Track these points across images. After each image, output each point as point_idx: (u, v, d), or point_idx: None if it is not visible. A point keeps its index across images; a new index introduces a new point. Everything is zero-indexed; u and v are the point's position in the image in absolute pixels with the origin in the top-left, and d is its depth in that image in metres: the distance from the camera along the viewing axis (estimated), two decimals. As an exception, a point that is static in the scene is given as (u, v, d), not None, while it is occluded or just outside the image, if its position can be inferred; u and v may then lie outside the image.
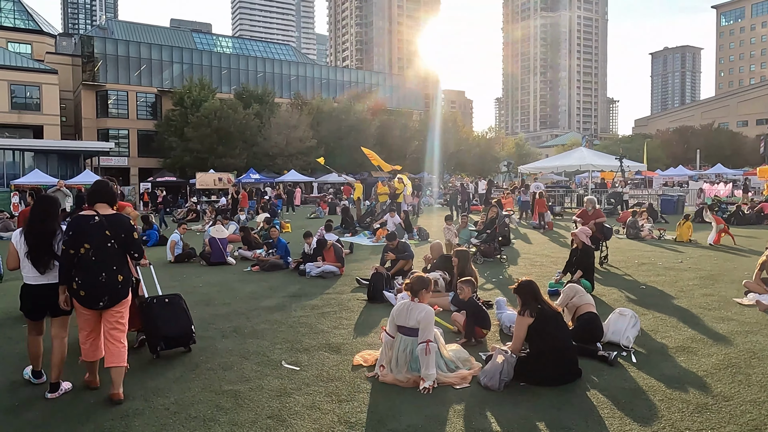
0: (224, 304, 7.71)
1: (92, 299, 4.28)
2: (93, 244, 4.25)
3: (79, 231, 4.28)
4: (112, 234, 4.32)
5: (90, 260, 4.24)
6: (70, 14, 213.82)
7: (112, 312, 4.37)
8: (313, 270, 9.82)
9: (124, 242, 4.39)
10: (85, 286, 4.24)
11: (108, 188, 4.56)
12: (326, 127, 56.31)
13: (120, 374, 4.37)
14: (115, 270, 4.33)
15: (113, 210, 4.51)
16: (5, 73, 51.12)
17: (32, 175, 36.07)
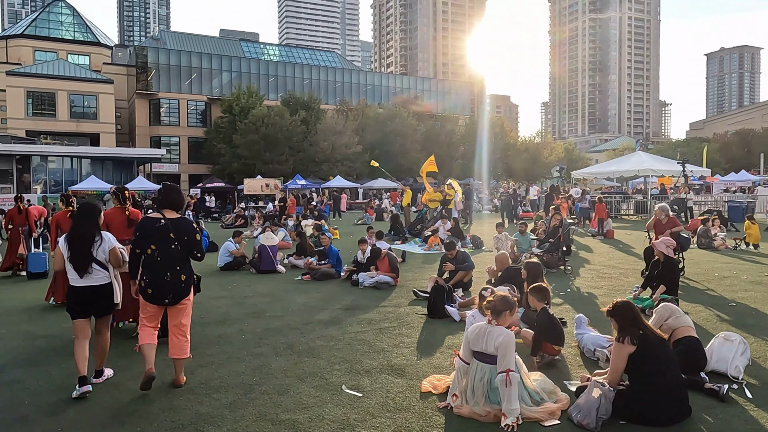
0: (276, 316, 7.31)
1: (158, 297, 4.62)
2: (158, 246, 4.58)
3: (145, 233, 4.61)
4: (176, 236, 4.61)
5: (156, 260, 4.58)
6: (125, 27, 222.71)
7: (176, 308, 4.72)
8: (366, 280, 9.35)
9: (187, 244, 4.69)
10: (151, 285, 4.58)
11: (174, 195, 4.86)
12: (371, 133, 56.19)
13: (182, 365, 4.80)
14: (179, 270, 4.65)
15: (177, 215, 4.76)
16: (65, 84, 53.21)
17: (89, 181, 37.16)
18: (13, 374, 5.19)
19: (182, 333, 4.75)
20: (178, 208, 4.85)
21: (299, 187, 42.97)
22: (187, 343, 4.78)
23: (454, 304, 7.36)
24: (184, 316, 4.79)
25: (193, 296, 4.96)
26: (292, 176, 47.19)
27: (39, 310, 8.00)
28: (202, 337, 6.32)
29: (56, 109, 52.56)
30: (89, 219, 4.83)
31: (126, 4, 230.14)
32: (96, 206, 5.04)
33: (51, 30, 65.11)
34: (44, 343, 6.20)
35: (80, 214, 4.89)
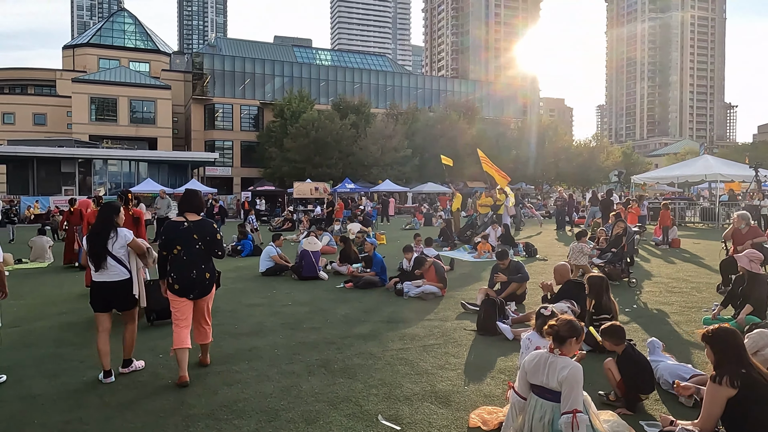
0: (313, 328, 6.84)
1: (185, 291, 4.99)
2: (184, 246, 4.95)
3: (171, 235, 5.00)
4: (199, 237, 4.98)
5: (182, 260, 4.94)
6: (185, 35, 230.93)
7: (201, 302, 5.11)
8: (411, 290, 8.78)
9: (209, 244, 5.06)
10: (179, 281, 4.95)
11: (195, 198, 5.21)
12: (421, 137, 55.61)
13: (207, 348, 5.36)
14: (203, 268, 5.03)
15: (198, 217, 5.14)
16: (126, 90, 55.17)
17: (145, 183, 38.21)
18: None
19: (206, 323, 5.25)
20: (199, 211, 5.22)
21: (348, 191, 42.86)
22: (210, 329, 5.31)
23: (507, 321, 6.69)
24: (208, 309, 5.24)
25: (215, 291, 5.32)
26: (341, 180, 47.16)
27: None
28: (233, 349, 5.91)
29: (117, 115, 54.57)
30: (107, 216, 5.17)
31: (185, 13, 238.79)
32: (115, 205, 5.37)
33: (114, 39, 67.91)
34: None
35: (100, 213, 5.26)
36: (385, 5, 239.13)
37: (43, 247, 13.87)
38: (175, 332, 4.95)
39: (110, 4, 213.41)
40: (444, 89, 73.63)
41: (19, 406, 4.39)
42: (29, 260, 13.86)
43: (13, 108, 58.91)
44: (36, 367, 5.36)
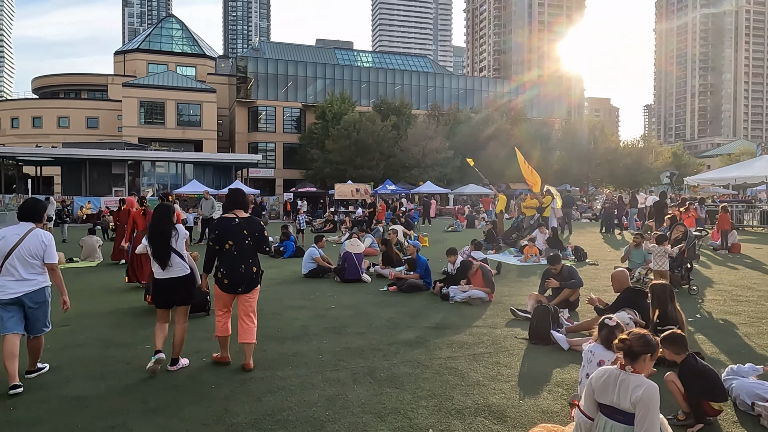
0: (358, 333, 6.65)
1: (233, 286, 5.20)
2: (235, 241, 5.16)
3: (223, 231, 5.21)
4: (249, 233, 5.20)
5: (232, 254, 5.17)
6: (230, 40, 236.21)
7: (247, 297, 5.28)
8: (457, 295, 8.49)
9: (257, 240, 5.28)
10: (228, 276, 5.16)
11: (241, 196, 5.47)
12: (463, 138, 55.02)
13: (250, 348, 5.31)
14: (251, 263, 5.24)
15: (246, 214, 5.39)
16: (173, 94, 56.65)
17: (191, 185, 39.02)
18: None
19: (251, 320, 5.31)
20: (245, 208, 5.45)
21: (389, 192, 42.75)
22: (255, 328, 5.35)
23: (561, 329, 6.33)
24: (253, 305, 5.35)
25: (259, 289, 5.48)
26: (382, 181, 47.12)
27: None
28: (277, 354, 5.78)
29: (165, 118, 56.11)
30: (166, 217, 5.37)
31: (230, 18, 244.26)
32: (170, 206, 5.58)
33: (162, 44, 69.87)
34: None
35: (158, 213, 5.43)
36: (426, 6, 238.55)
37: (93, 247, 14.19)
38: (217, 322, 5.36)
39: (159, 11, 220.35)
40: (486, 90, 72.73)
41: (65, 408, 4.35)
42: (80, 259, 14.22)
43: (68, 112, 61.35)
44: (83, 368, 5.35)
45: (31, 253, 4.76)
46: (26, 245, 4.74)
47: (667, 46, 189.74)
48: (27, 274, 4.74)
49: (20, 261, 4.72)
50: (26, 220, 4.92)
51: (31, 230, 4.83)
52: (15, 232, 4.79)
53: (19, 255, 4.72)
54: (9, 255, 4.70)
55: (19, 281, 4.71)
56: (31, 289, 4.76)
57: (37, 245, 4.79)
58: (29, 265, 4.76)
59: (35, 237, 4.80)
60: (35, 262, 4.78)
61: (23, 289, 4.73)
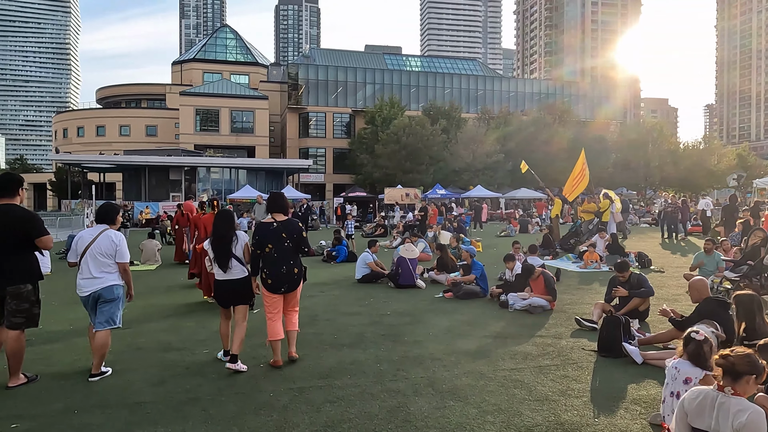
0: (416, 342, 6.45)
1: (276, 286, 5.49)
2: (274, 245, 5.42)
3: (263, 235, 5.46)
4: (287, 236, 5.46)
5: (273, 257, 5.42)
6: (281, 48, 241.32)
7: (291, 295, 5.64)
8: (517, 302, 8.17)
9: (296, 241, 5.53)
10: (271, 276, 5.45)
11: (281, 200, 5.72)
12: (514, 141, 54.02)
13: (294, 336, 5.77)
14: (292, 264, 5.50)
15: (285, 217, 5.62)
16: (228, 101, 58.15)
17: (244, 190, 39.84)
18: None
19: (295, 311, 5.77)
20: (285, 212, 5.67)
21: (439, 197, 42.39)
22: (296, 316, 5.80)
23: (633, 341, 5.94)
24: (296, 302, 5.78)
25: (302, 285, 5.78)
26: (431, 186, 46.82)
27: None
28: (335, 362, 5.65)
29: (219, 125, 57.64)
30: (227, 222, 5.60)
31: (282, 26, 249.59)
32: (232, 212, 5.94)
33: (217, 53, 71.96)
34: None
35: (220, 219, 5.65)
36: (475, 9, 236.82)
37: (153, 251, 14.57)
38: (269, 325, 5.54)
39: (214, 22, 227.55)
40: (538, 92, 71.29)
41: (125, 414, 4.34)
42: (140, 263, 14.63)
43: (129, 121, 63.99)
44: (143, 372, 5.38)
45: (102, 252, 5.12)
46: (98, 245, 5.12)
47: (730, 43, 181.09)
48: (97, 272, 5.10)
49: (92, 259, 5.10)
50: (101, 222, 5.30)
51: (103, 231, 5.19)
52: (90, 233, 5.21)
53: (92, 254, 5.10)
54: (84, 254, 5.11)
55: (89, 279, 5.10)
56: (101, 287, 5.10)
57: (108, 245, 5.14)
58: (100, 264, 5.11)
59: (106, 237, 5.15)
60: (106, 261, 5.13)
61: (93, 286, 5.10)
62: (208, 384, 5.00)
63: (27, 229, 4.84)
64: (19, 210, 4.89)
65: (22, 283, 4.87)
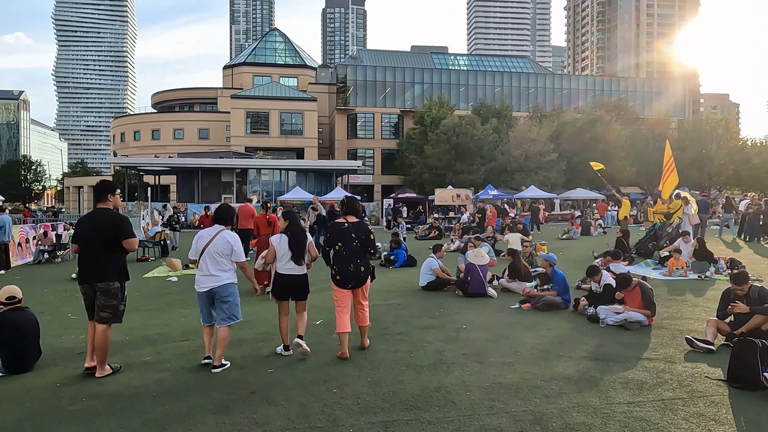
0: (505, 363, 5.66)
1: (344, 282, 5.85)
2: (344, 243, 5.83)
3: (334, 234, 5.94)
4: (356, 236, 5.85)
5: (342, 255, 5.83)
6: (328, 50, 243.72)
7: (359, 291, 5.96)
8: (609, 316, 7.26)
9: (364, 242, 5.90)
10: (339, 273, 5.82)
11: (355, 204, 6.12)
12: (568, 140, 52.18)
13: (365, 330, 6.14)
14: (359, 262, 5.86)
15: (356, 219, 6.01)
16: (277, 104, 58.58)
17: (294, 191, 39.81)
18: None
19: (364, 308, 6.07)
20: (357, 215, 6.06)
21: (491, 198, 41.23)
22: (367, 312, 6.12)
23: (772, 370, 4.97)
24: (364, 297, 6.06)
25: (370, 283, 6.12)
26: (482, 186, 45.68)
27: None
28: (417, 388, 4.92)
29: (269, 127, 58.10)
30: (298, 221, 6.15)
31: (329, 30, 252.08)
32: (297, 213, 6.51)
33: (267, 57, 72.80)
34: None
35: (291, 218, 6.12)
36: (523, 6, 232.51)
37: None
38: (337, 318, 5.88)
39: (263, 26, 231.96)
40: (592, 89, 68.86)
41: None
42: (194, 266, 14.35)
43: (182, 124, 65.41)
44: (205, 396, 4.80)
45: (219, 251, 5.49)
46: (215, 244, 5.49)
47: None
48: (214, 270, 5.47)
49: (210, 258, 5.48)
50: (219, 222, 5.70)
51: (220, 231, 5.57)
52: (209, 232, 5.59)
53: (210, 253, 5.48)
54: (202, 252, 5.49)
55: (207, 276, 5.48)
56: (217, 285, 5.46)
57: (224, 245, 5.52)
58: (217, 263, 5.48)
59: (222, 238, 5.53)
60: (222, 260, 5.50)
61: (210, 284, 5.46)
62: (277, 415, 4.38)
63: (115, 231, 5.26)
64: (109, 213, 5.36)
65: (110, 280, 5.29)
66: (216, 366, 5.47)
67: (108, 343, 5.34)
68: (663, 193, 17.89)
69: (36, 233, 17.25)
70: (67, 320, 8.11)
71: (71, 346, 6.61)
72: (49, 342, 6.47)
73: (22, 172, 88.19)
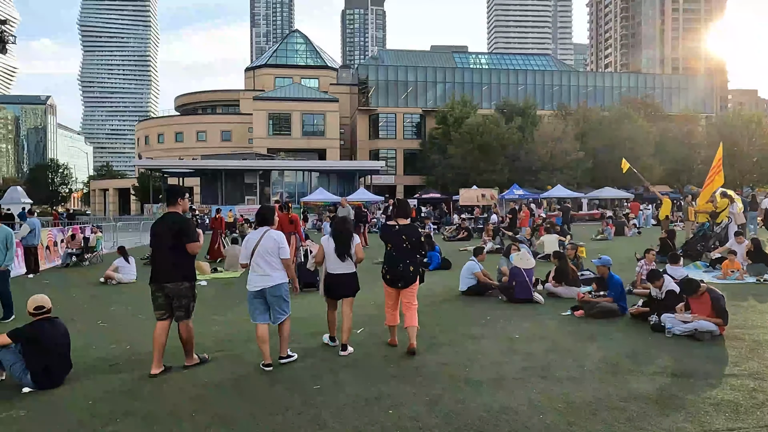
0: (571, 379, 5.15)
1: (393, 282, 6.08)
2: (394, 244, 6.07)
3: (386, 235, 6.23)
4: (407, 238, 6.04)
5: (392, 255, 6.07)
6: (347, 51, 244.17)
7: (407, 291, 6.10)
8: (677, 326, 6.68)
9: (414, 244, 6.10)
10: (390, 272, 6.07)
11: (407, 207, 6.41)
12: (594, 138, 51.13)
13: (414, 331, 6.07)
14: (408, 263, 6.02)
15: (407, 221, 6.24)
16: (299, 105, 58.48)
17: (317, 193, 39.54)
18: None
19: (412, 308, 6.15)
20: (408, 217, 6.33)
21: (517, 198, 40.47)
22: (415, 313, 6.15)
23: None
24: (413, 297, 6.19)
25: (418, 284, 6.27)
26: (508, 186, 44.93)
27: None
28: (482, 408, 4.43)
29: (291, 128, 58.00)
30: (347, 223, 6.45)
31: (348, 31, 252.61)
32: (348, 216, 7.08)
33: (288, 58, 72.75)
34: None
35: (341, 220, 6.51)
36: (544, 4, 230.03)
37: (237, 256, 13.91)
38: (386, 313, 6.33)
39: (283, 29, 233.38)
40: (617, 85, 67.48)
41: None
42: (223, 269, 14.07)
43: (205, 126, 65.74)
44: (251, 421, 4.37)
45: (268, 250, 5.64)
46: (264, 245, 5.64)
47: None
48: (268, 270, 5.62)
49: (261, 258, 5.63)
50: (262, 224, 5.80)
51: (266, 232, 5.71)
52: (256, 235, 5.74)
53: (260, 253, 5.63)
54: (253, 253, 5.65)
55: (261, 276, 5.63)
56: (271, 284, 5.61)
57: (272, 244, 5.66)
58: (268, 262, 5.63)
59: (269, 238, 5.68)
60: (272, 258, 5.64)
61: (264, 283, 5.61)
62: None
63: (180, 235, 5.47)
64: (175, 217, 5.60)
65: (179, 280, 5.51)
66: (283, 357, 5.72)
67: (192, 335, 5.69)
68: (704, 193, 17.12)
69: (64, 236, 17.15)
70: (98, 328, 7.80)
71: (103, 356, 6.28)
72: (80, 352, 6.13)
73: (50, 175, 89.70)
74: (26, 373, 5.09)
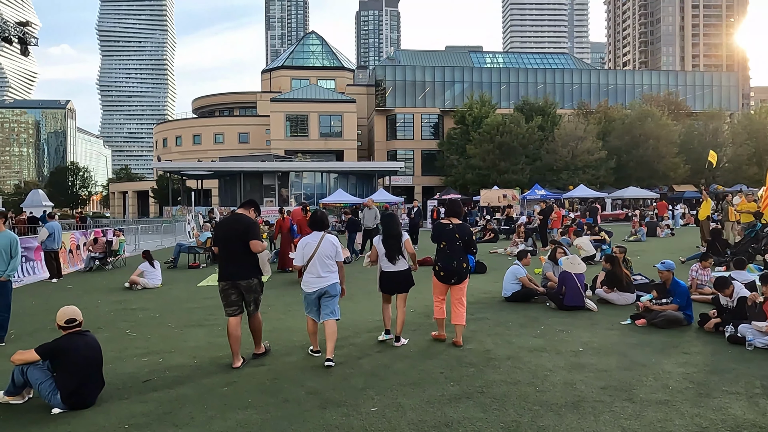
0: (660, 403, 4.56)
1: (446, 278, 6.44)
2: (448, 242, 6.42)
3: (439, 234, 6.52)
4: (460, 236, 6.41)
5: (446, 252, 6.42)
6: (362, 52, 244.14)
7: (458, 287, 6.47)
8: (757, 337, 6.08)
9: (466, 242, 6.46)
10: (443, 269, 6.41)
11: (458, 207, 6.78)
12: (617, 137, 50.21)
13: (461, 329, 6.51)
14: (461, 260, 6.39)
15: (459, 221, 6.58)
16: (316, 106, 58.19)
17: (336, 194, 39.11)
18: None
19: (462, 305, 6.45)
20: (459, 216, 6.61)
21: (539, 198, 39.69)
22: (464, 312, 6.47)
23: None
24: (463, 294, 6.48)
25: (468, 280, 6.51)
26: (529, 186, 44.21)
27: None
28: None
29: (308, 130, 57.73)
30: (396, 223, 6.64)
31: (362, 32, 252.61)
32: (396, 216, 7.00)
33: (304, 60, 72.64)
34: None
35: (389, 221, 6.67)
36: (560, 3, 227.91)
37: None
38: (435, 307, 6.64)
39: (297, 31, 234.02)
40: (639, 84, 66.23)
41: None
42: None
43: (223, 129, 65.74)
44: None
45: (327, 254, 5.90)
46: (323, 248, 5.88)
47: None
48: (324, 272, 5.87)
49: (320, 261, 5.86)
50: (317, 228, 6.02)
51: (324, 236, 5.94)
52: (314, 239, 5.94)
53: (319, 256, 5.86)
54: (312, 257, 5.85)
55: (317, 278, 5.87)
56: (327, 285, 5.87)
57: (330, 248, 5.93)
58: (326, 265, 5.88)
59: (328, 241, 5.93)
60: (330, 261, 5.90)
61: (321, 284, 5.86)
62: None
63: (246, 234, 5.71)
64: (243, 218, 5.90)
65: (250, 277, 5.81)
66: (329, 359, 5.72)
67: (260, 326, 6.09)
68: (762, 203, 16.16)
69: (86, 239, 16.86)
70: (127, 339, 7.37)
71: (134, 371, 5.82)
72: (111, 366, 5.69)
73: (70, 178, 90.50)
74: (56, 392, 4.65)
